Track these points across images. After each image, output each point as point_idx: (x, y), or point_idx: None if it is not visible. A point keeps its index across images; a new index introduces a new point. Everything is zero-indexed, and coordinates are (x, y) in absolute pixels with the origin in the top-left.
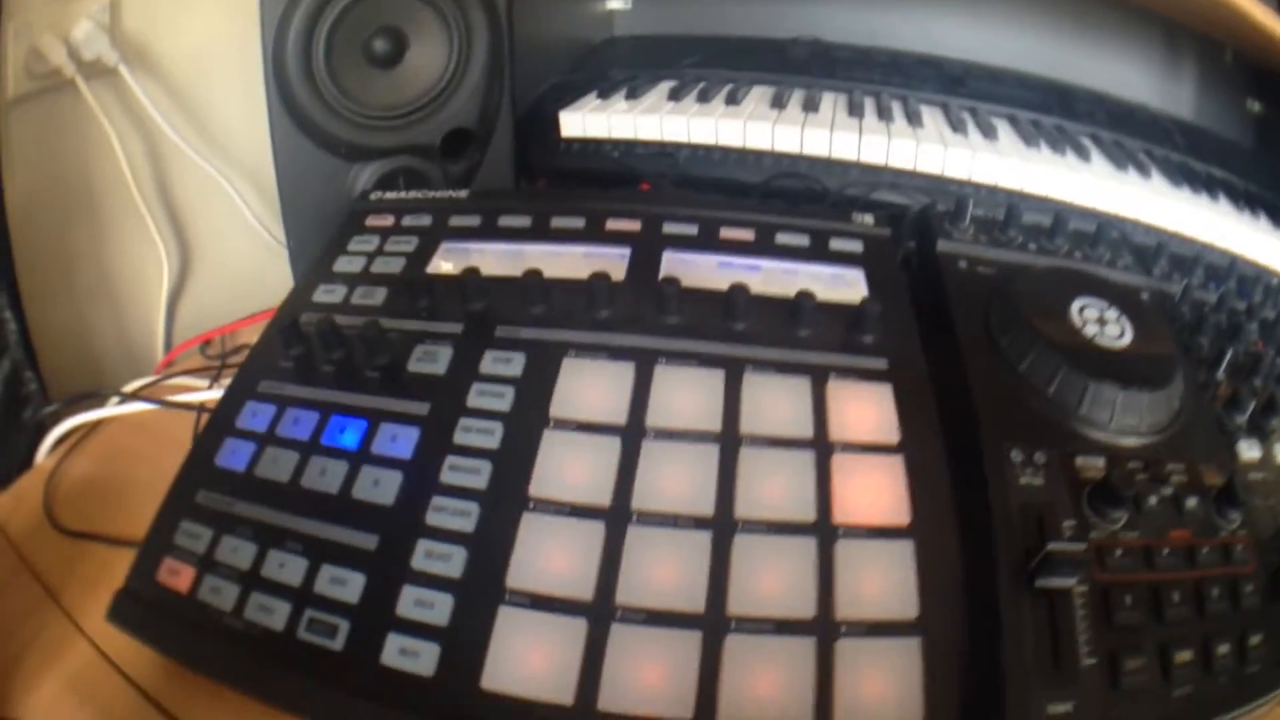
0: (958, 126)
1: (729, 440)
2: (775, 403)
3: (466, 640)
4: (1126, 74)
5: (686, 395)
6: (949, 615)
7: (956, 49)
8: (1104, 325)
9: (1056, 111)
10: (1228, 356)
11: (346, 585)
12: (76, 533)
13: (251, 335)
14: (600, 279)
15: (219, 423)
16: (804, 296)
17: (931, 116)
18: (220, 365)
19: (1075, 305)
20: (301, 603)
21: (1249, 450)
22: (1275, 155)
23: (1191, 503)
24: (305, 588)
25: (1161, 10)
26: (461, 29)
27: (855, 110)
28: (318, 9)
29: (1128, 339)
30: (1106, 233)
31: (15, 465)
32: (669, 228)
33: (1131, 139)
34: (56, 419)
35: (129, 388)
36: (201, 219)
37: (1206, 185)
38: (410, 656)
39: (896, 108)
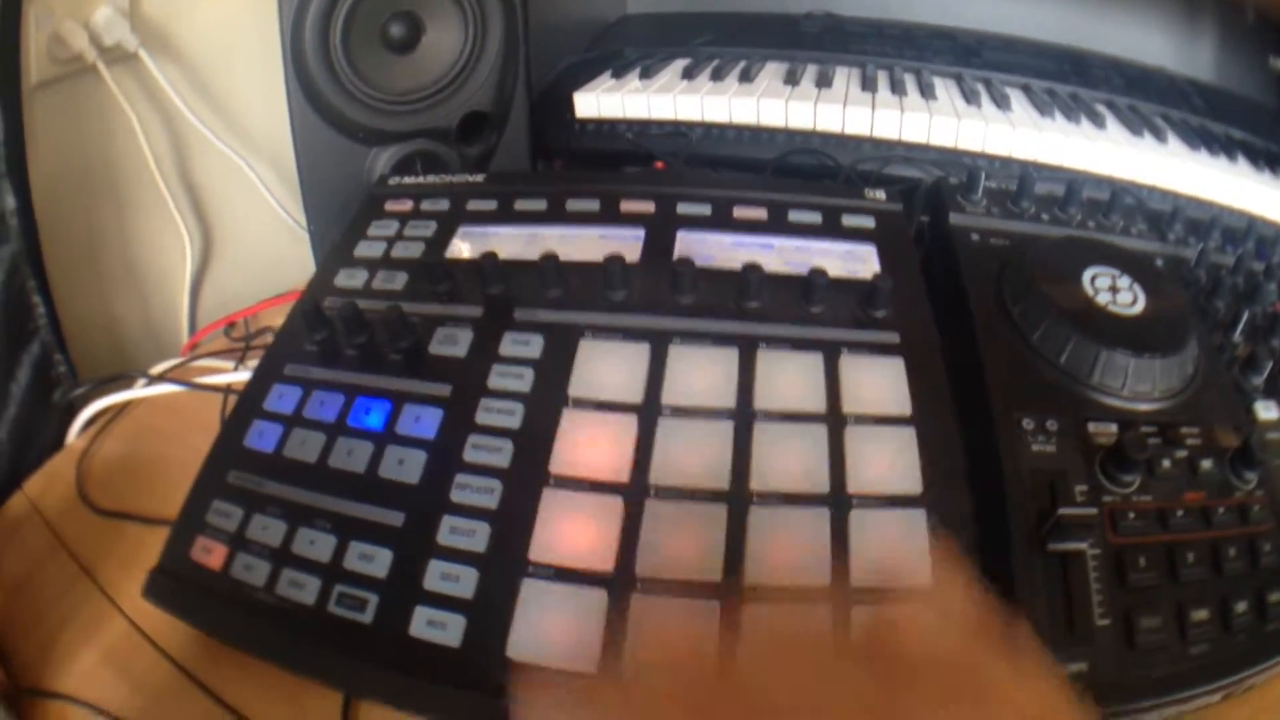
0: (971, 98)
1: (743, 416)
2: (788, 378)
3: (492, 612)
4: (1144, 38)
5: (701, 373)
6: (963, 584)
7: (971, 19)
8: (1116, 293)
9: (1072, 79)
10: (1244, 318)
11: (374, 561)
12: (110, 512)
13: (274, 317)
14: (615, 261)
15: (247, 405)
16: (816, 273)
17: (945, 88)
18: (245, 347)
19: (1087, 274)
20: (331, 578)
21: (1266, 411)
22: None
23: (1206, 465)
24: (335, 564)
25: None
26: (476, 13)
27: (868, 84)
28: None
29: (1140, 305)
30: (1120, 200)
31: (47, 446)
32: (682, 208)
33: (1148, 103)
34: (86, 400)
35: (156, 369)
36: (223, 202)
37: (1225, 147)
38: (438, 628)
39: (910, 81)
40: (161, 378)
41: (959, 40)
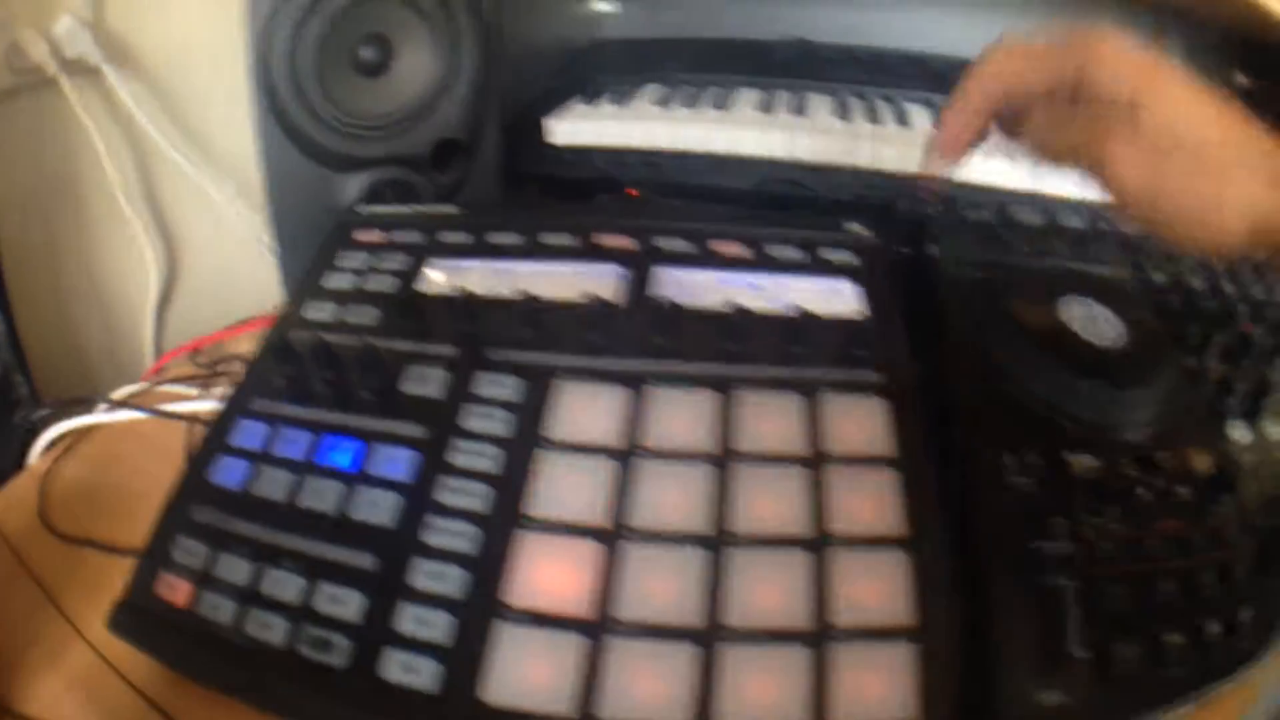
0: None
1: (722, 459)
2: (768, 421)
3: (467, 656)
4: None
5: (679, 416)
6: (944, 619)
7: (939, 44)
8: (1093, 323)
9: None
10: (1215, 342)
11: (345, 603)
12: (72, 538)
13: (241, 344)
14: (590, 301)
15: (213, 440)
16: (795, 312)
17: (919, 115)
18: (209, 374)
19: (1064, 305)
20: (300, 619)
21: (1239, 432)
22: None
23: (1182, 491)
24: (304, 605)
25: None
26: (450, 37)
27: (843, 112)
28: (304, 15)
29: (1117, 335)
30: (1096, 228)
31: (8, 467)
32: (659, 243)
33: None
34: (47, 423)
35: (119, 394)
36: (188, 222)
37: None
38: (412, 672)
39: (884, 108)
40: (124, 404)
41: (930, 65)
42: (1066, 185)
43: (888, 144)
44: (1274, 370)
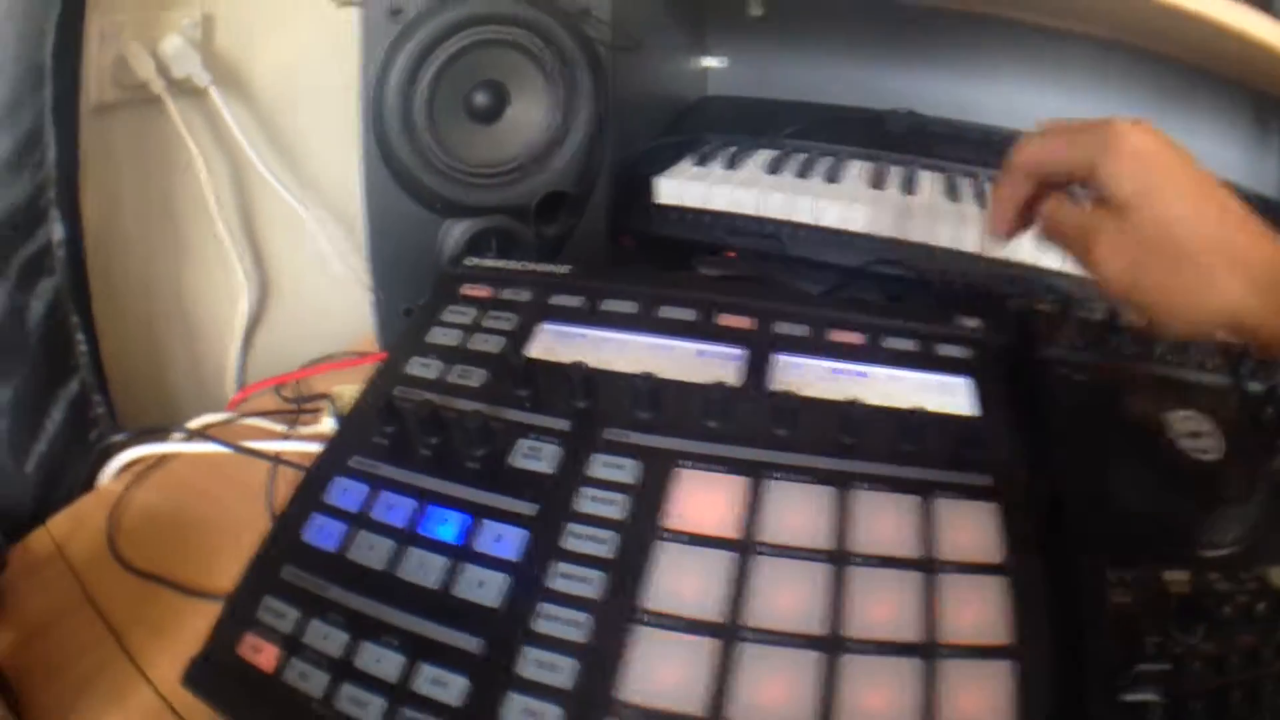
0: None
1: (838, 558)
2: (884, 521)
3: None
4: (1214, 149)
5: (797, 511)
6: None
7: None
8: (1199, 439)
9: None
10: None
11: (448, 687)
12: (143, 572)
13: (326, 381)
14: (718, 389)
15: (307, 495)
16: (914, 412)
17: None
18: (296, 410)
19: (1171, 419)
20: (399, 700)
21: None
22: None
23: (1260, 608)
24: (402, 685)
25: (1253, 83)
26: (566, 89)
27: (952, 193)
28: (421, 56)
29: (1219, 452)
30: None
31: (77, 487)
32: (780, 328)
33: None
34: (122, 447)
35: (198, 423)
36: (284, 252)
37: None
38: None
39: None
40: (204, 434)
41: None
42: None
43: None
44: None
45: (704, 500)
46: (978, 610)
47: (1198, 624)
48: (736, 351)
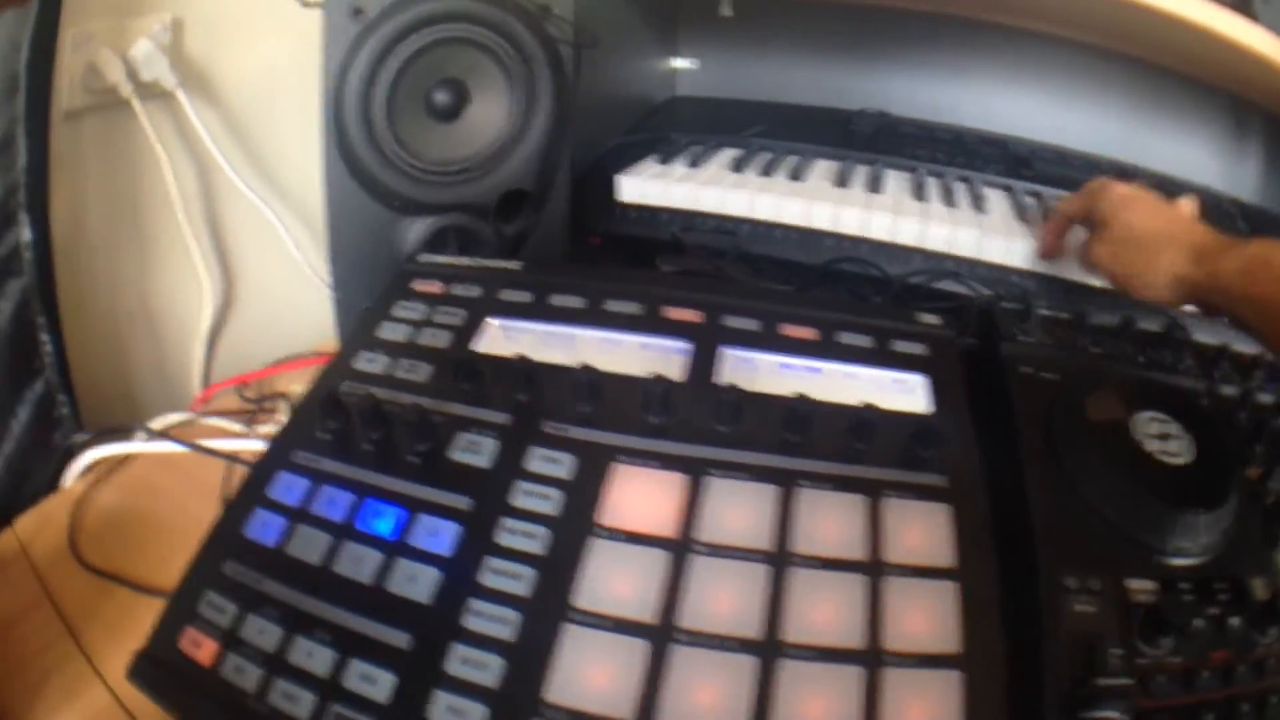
0: (1022, 213)
1: (779, 559)
2: (828, 521)
3: None
4: (1192, 154)
5: (738, 510)
6: None
7: (1021, 128)
8: (1167, 441)
9: None
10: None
11: (376, 683)
12: (100, 570)
13: (288, 381)
14: (658, 383)
15: (251, 491)
16: (864, 409)
17: (996, 201)
18: (254, 411)
19: (1139, 420)
20: (328, 695)
21: None
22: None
23: (1234, 622)
24: (333, 680)
25: (1233, 88)
26: (527, 86)
27: (919, 192)
28: (381, 54)
29: (1189, 455)
30: (1173, 334)
31: (42, 487)
32: (729, 321)
33: None
34: (86, 447)
35: (160, 423)
36: (247, 253)
37: None
38: None
39: (961, 191)
40: (163, 434)
41: (1010, 149)
42: None
43: (962, 228)
44: None
45: (641, 497)
46: (926, 616)
47: (1164, 636)
48: (681, 345)
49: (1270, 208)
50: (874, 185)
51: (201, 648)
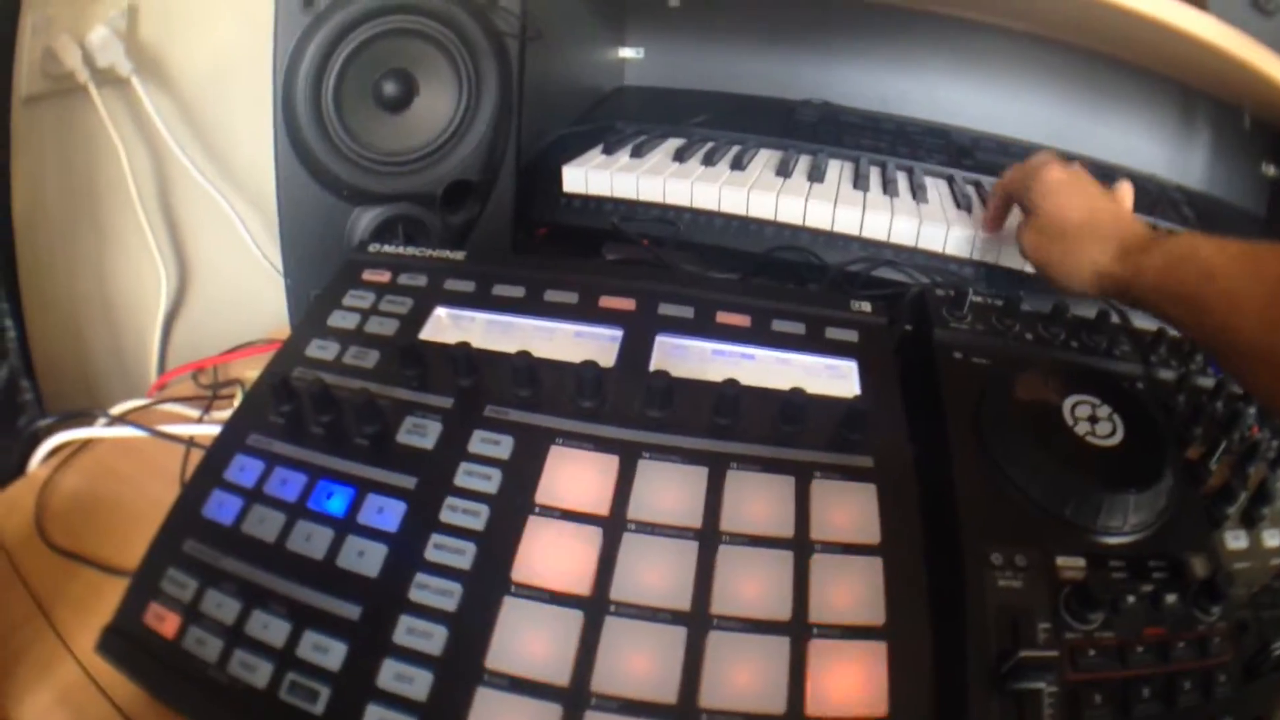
0: (962, 203)
1: (708, 537)
2: (757, 501)
3: (445, 717)
4: (1138, 143)
5: (669, 490)
6: (919, 716)
7: (965, 118)
8: (1095, 423)
9: None
10: (1221, 448)
11: (328, 653)
12: (67, 552)
13: (243, 367)
14: (589, 367)
15: (208, 473)
16: (794, 393)
17: (936, 190)
18: (211, 397)
19: (1068, 403)
20: (284, 665)
21: (1235, 541)
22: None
23: (1170, 599)
24: (288, 650)
25: (1181, 76)
26: (472, 78)
27: (860, 181)
28: (331, 45)
29: (1119, 436)
30: (1106, 319)
31: (9, 472)
32: (663, 309)
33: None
34: (50, 432)
35: (120, 409)
36: (202, 239)
37: None
38: None
39: (902, 180)
40: (124, 419)
41: (953, 139)
42: None
43: (900, 216)
44: (1276, 478)
45: (575, 477)
46: (851, 590)
47: (1093, 611)
48: (614, 332)
49: (1216, 194)
50: (815, 174)
51: (165, 621)
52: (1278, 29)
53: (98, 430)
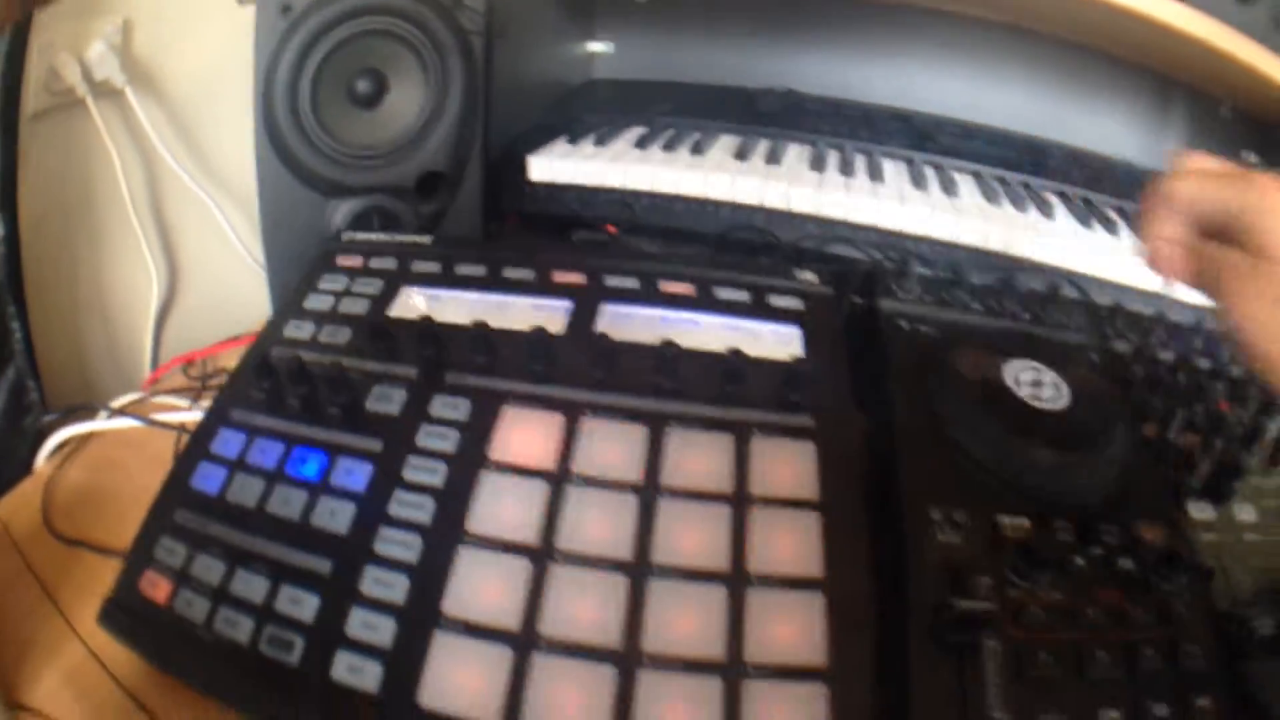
0: (919, 182)
1: (649, 492)
2: (697, 458)
3: (406, 661)
4: (1112, 130)
5: (610, 447)
6: (857, 666)
7: (934, 104)
8: (1040, 388)
9: (1027, 169)
10: (1179, 416)
11: (303, 605)
12: (71, 539)
13: (232, 358)
14: (538, 332)
15: (195, 447)
16: (734, 353)
17: (895, 171)
18: (200, 387)
19: (1011, 368)
20: (263, 619)
21: (1201, 511)
22: None
23: (1126, 564)
24: (266, 605)
25: (1158, 66)
26: (439, 75)
27: (817, 163)
28: (306, 47)
29: (1064, 401)
30: (1059, 293)
31: (18, 469)
32: (611, 281)
33: (1104, 196)
34: (53, 428)
35: (118, 403)
36: (191, 241)
37: None
38: (356, 673)
39: (860, 162)
40: (122, 412)
41: (915, 124)
42: (1036, 245)
43: (857, 196)
44: (1251, 454)
45: (525, 435)
46: (790, 544)
47: (1036, 570)
48: (564, 303)
49: None
50: (773, 157)
51: (158, 587)
52: (1257, 18)
53: (99, 424)
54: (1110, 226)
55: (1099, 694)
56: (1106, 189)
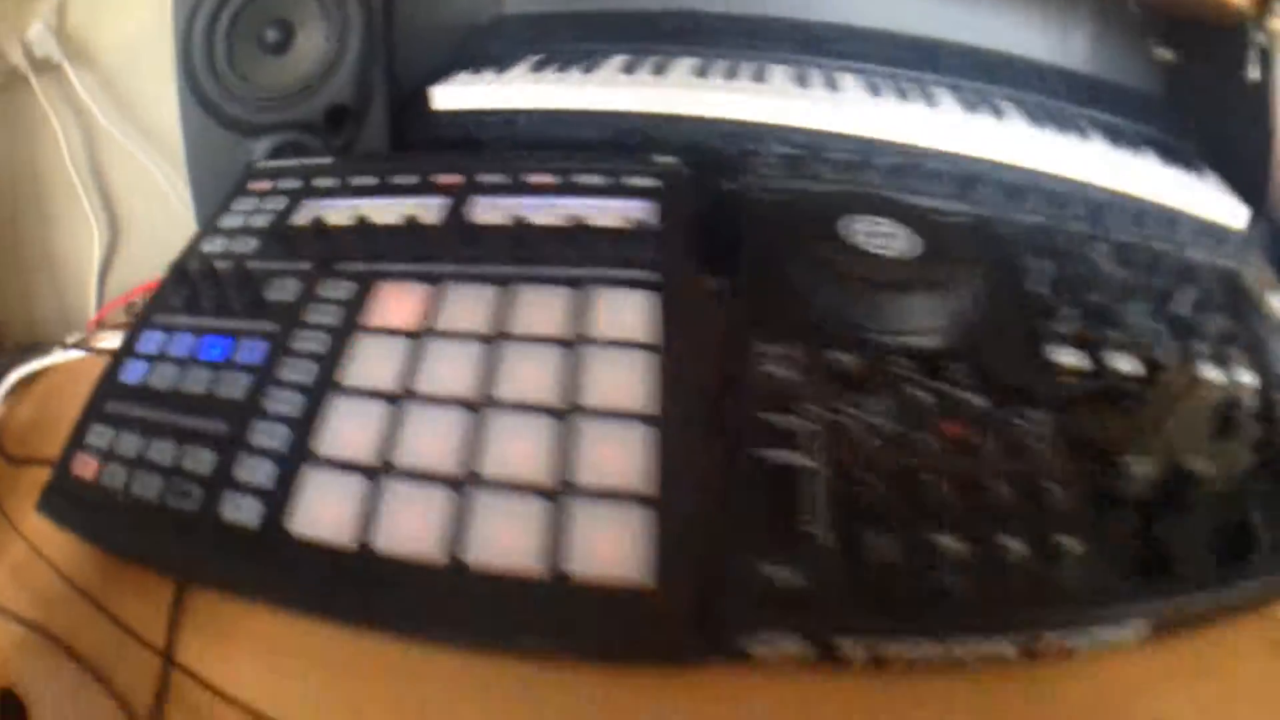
0: (804, 81)
1: (495, 340)
2: (542, 310)
3: (282, 496)
4: (1015, 27)
5: (464, 306)
6: (682, 489)
7: (828, 14)
8: (882, 238)
9: (921, 66)
10: (1048, 271)
11: (202, 460)
12: (20, 459)
13: None
14: (412, 222)
15: (123, 350)
16: (575, 220)
17: (779, 72)
18: (137, 319)
19: (851, 220)
20: (169, 476)
21: (1068, 356)
22: (1185, 103)
23: (978, 400)
24: (174, 465)
25: None
26: (338, 17)
27: (702, 71)
28: (218, 6)
29: (905, 248)
30: (921, 165)
31: None
32: (482, 178)
33: (997, 87)
34: (7, 370)
35: (70, 340)
36: (130, 197)
37: (1080, 128)
38: (240, 511)
39: (746, 68)
40: (71, 346)
41: (812, 31)
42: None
43: (738, 95)
44: (1129, 310)
45: (395, 304)
46: (620, 380)
47: (867, 398)
48: (441, 200)
49: (1101, 77)
50: (658, 69)
51: (87, 466)
52: None
53: (49, 359)
54: (997, 112)
55: (936, 521)
56: (1003, 82)
